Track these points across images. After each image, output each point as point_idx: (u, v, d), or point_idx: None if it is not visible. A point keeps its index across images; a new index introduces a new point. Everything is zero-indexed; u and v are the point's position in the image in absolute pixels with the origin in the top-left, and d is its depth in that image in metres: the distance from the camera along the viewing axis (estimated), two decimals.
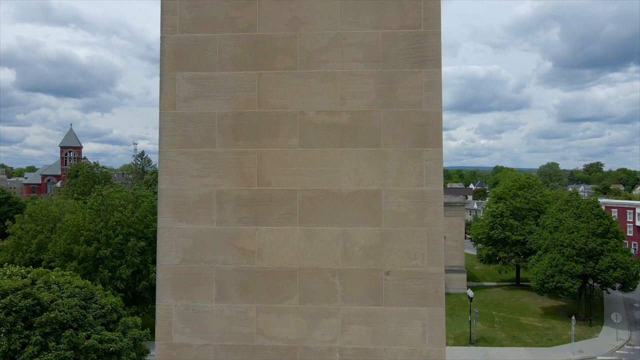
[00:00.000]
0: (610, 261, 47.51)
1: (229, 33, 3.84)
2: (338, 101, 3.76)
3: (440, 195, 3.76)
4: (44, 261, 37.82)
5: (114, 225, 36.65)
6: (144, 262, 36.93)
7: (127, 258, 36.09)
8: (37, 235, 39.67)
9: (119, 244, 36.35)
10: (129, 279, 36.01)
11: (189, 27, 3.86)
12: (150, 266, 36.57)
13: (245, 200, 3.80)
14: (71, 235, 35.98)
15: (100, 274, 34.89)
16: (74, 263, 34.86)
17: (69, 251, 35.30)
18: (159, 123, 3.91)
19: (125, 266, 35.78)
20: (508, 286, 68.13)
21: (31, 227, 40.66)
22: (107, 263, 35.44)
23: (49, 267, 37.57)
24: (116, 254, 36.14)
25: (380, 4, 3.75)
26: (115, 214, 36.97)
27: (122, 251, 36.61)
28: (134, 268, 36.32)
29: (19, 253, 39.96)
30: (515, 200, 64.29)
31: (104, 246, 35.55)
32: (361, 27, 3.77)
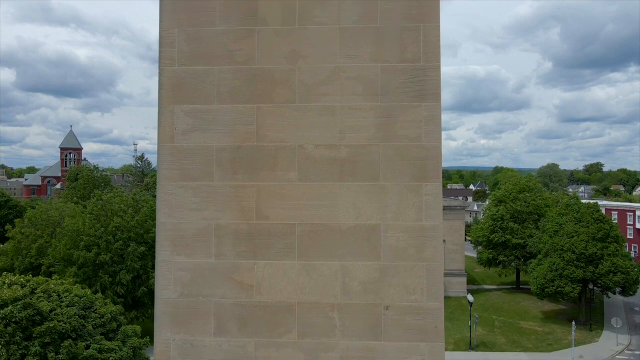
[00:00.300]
0: (610, 265, 47.49)
1: (228, 66, 3.82)
2: (337, 135, 3.75)
3: (440, 230, 3.75)
4: (44, 266, 37.80)
5: (114, 230, 36.63)
6: (144, 267, 36.89)
7: (127, 263, 36.07)
8: (37, 240, 39.64)
9: (118, 249, 36.32)
10: (129, 284, 35.98)
11: (187, 59, 3.85)
12: (150, 271, 36.52)
13: (244, 234, 3.79)
14: (71, 240, 35.96)
15: (100, 279, 34.86)
16: (73, 268, 34.82)
17: (69, 256, 35.27)
18: (157, 156, 3.90)
19: (125, 271, 35.76)
20: (508, 289, 68.09)
21: (31, 231, 40.63)
22: (107, 268, 35.41)
23: (48, 272, 37.61)
24: (116, 259, 36.13)
25: (379, 37, 3.74)
26: (115, 219, 36.96)
27: (122, 256, 36.59)
28: (134, 273, 36.29)
29: (18, 257, 39.93)
30: (515, 203, 64.29)
31: (103, 251, 35.53)
32: (360, 60, 3.76)
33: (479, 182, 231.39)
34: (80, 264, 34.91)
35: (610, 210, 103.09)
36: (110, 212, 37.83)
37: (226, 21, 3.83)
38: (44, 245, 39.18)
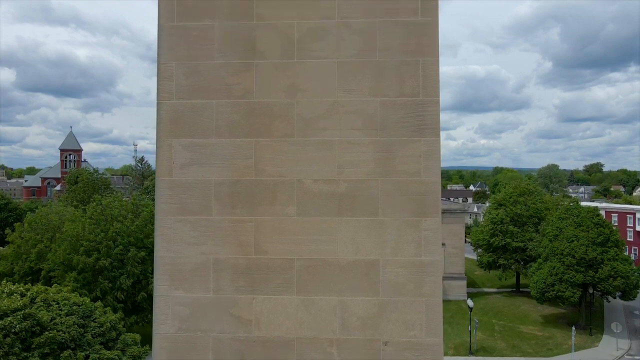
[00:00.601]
0: (610, 270, 47.46)
1: (226, 100, 3.81)
2: (336, 169, 3.74)
3: (439, 265, 3.74)
4: (44, 270, 37.76)
5: (114, 235, 36.60)
6: (144, 271, 36.86)
7: (127, 268, 36.04)
8: (37, 245, 39.59)
9: (118, 254, 36.30)
10: (129, 289, 35.95)
11: (185, 93, 3.83)
12: (149, 277, 36.49)
13: (242, 268, 3.78)
14: (70, 245, 35.92)
15: (100, 285, 34.81)
16: (73, 273, 34.77)
17: (69, 261, 35.23)
18: (156, 190, 3.89)
19: (125, 276, 35.72)
20: (508, 293, 68.02)
21: (31, 236, 40.58)
22: (107, 274, 35.37)
23: (48, 276, 37.58)
24: (116, 264, 36.08)
25: (378, 71, 3.73)
26: (115, 224, 36.93)
27: (122, 261, 36.55)
28: (134, 278, 36.27)
29: (18, 262, 39.88)
30: (515, 207, 64.27)
31: (103, 257, 35.48)
32: (359, 94, 3.74)
33: (479, 183, 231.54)
34: (80, 269, 34.86)
35: (611, 212, 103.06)
36: (110, 217, 37.79)
37: (225, 55, 3.82)
38: (43, 250, 39.11)
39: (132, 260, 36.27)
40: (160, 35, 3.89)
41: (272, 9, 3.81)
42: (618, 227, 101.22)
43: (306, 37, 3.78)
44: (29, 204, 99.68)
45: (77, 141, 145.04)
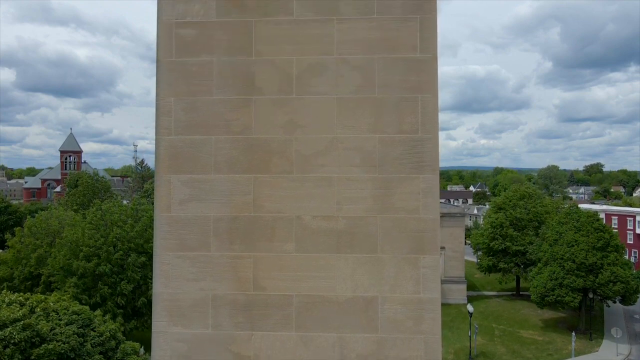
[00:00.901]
0: (610, 275, 47.47)
1: (225, 135, 3.81)
2: (334, 206, 3.73)
3: (438, 302, 3.74)
4: (44, 275, 37.85)
5: (114, 240, 36.59)
6: (144, 277, 36.83)
7: (127, 273, 36.04)
8: (37, 250, 39.64)
9: (119, 259, 36.28)
10: (130, 294, 35.95)
11: (184, 129, 3.83)
12: (149, 282, 36.45)
13: (241, 304, 3.77)
14: (70, 250, 35.92)
15: (100, 290, 34.81)
16: (73, 279, 34.78)
17: (69, 266, 35.24)
18: (154, 225, 3.88)
19: (126, 282, 35.72)
20: (508, 296, 68.00)
21: (30, 240, 40.64)
22: (107, 279, 35.35)
23: (48, 281, 37.63)
24: (116, 269, 36.06)
25: (377, 108, 3.73)
26: (115, 229, 36.93)
27: (122, 266, 36.54)
28: (134, 283, 36.28)
29: (18, 267, 39.97)
30: (515, 210, 64.28)
31: (103, 262, 35.47)
32: (358, 131, 3.74)
33: (479, 184, 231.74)
34: (80, 274, 34.86)
35: (611, 215, 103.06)
36: (110, 223, 37.77)
37: (223, 91, 3.82)
38: (43, 254, 39.18)
39: (133, 265, 36.26)
40: (159, 71, 3.89)
41: (271, 45, 3.81)
42: (618, 229, 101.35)
43: (305, 73, 3.78)
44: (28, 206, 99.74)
45: (77, 142, 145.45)
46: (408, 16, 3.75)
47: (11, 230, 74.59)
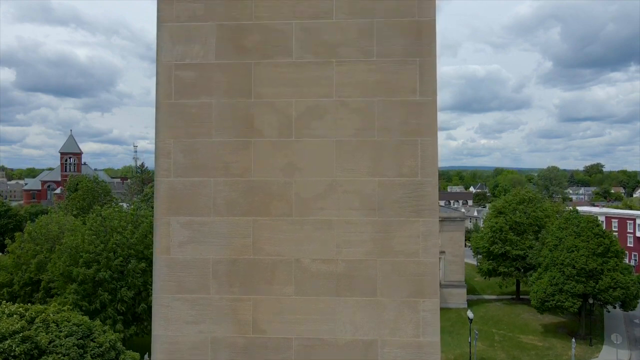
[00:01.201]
0: (610, 281, 47.45)
1: (224, 178, 3.81)
2: (334, 249, 3.73)
3: (438, 346, 3.73)
4: (43, 281, 37.86)
5: (114, 246, 36.57)
6: (145, 283, 36.80)
7: (128, 279, 36.03)
8: (37, 255, 39.67)
9: (119, 265, 36.26)
10: (130, 300, 35.93)
11: (183, 171, 3.83)
12: (150, 288, 36.44)
13: (240, 347, 3.77)
14: (70, 256, 35.91)
15: (100, 297, 34.81)
16: (73, 285, 34.75)
17: (69, 273, 35.22)
18: (153, 267, 3.88)
19: (126, 288, 35.71)
20: (508, 300, 67.94)
21: (30, 246, 40.66)
22: (107, 285, 35.34)
23: (48, 287, 37.62)
24: (116, 275, 36.04)
25: (377, 151, 3.73)
26: (115, 235, 36.91)
27: (123, 272, 36.52)
28: (135, 290, 36.27)
29: (18, 272, 39.98)
30: (515, 215, 64.30)
31: (103, 268, 35.45)
32: (357, 174, 3.74)
33: (479, 184, 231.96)
34: (80, 280, 34.83)
35: (611, 218, 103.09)
36: (110, 229, 37.75)
37: (222, 133, 3.82)
38: (43, 260, 39.20)
39: (133, 271, 36.24)
40: (158, 112, 3.89)
41: (271, 87, 3.81)
42: (618, 232, 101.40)
43: (304, 115, 3.78)
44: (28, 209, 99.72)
45: (77, 144, 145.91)
46: (407, 59, 3.75)
47: (11, 234, 74.97)
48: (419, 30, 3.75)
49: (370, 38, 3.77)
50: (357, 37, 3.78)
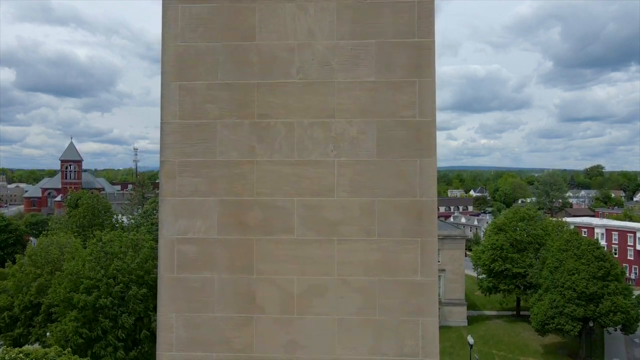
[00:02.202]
0: (611, 305, 47.46)
1: (226, 353, 3.84)
2: None
3: None
4: (44, 305, 37.89)
5: (115, 272, 36.56)
6: (146, 309, 36.76)
7: (129, 305, 35.98)
8: (37, 279, 39.74)
9: (119, 291, 36.24)
10: (131, 327, 35.87)
11: (185, 346, 3.87)
12: (151, 314, 36.44)
13: None
14: (71, 282, 35.92)
15: (101, 324, 34.78)
16: (74, 312, 34.73)
17: (69, 299, 35.23)
18: None
19: (126, 314, 35.68)
20: (508, 317, 67.71)
21: (31, 270, 40.73)
22: (107, 312, 35.31)
23: (48, 311, 37.62)
24: (116, 302, 35.99)
25: (378, 330, 3.79)
26: (115, 262, 36.92)
27: (123, 298, 36.47)
28: (136, 315, 36.24)
29: (19, 295, 40.01)
30: (515, 232, 64.34)
31: (104, 294, 35.43)
32: (359, 352, 3.80)
33: (479, 188, 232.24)
34: (81, 307, 34.81)
35: (611, 230, 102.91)
36: (111, 255, 37.76)
37: (224, 308, 3.85)
38: (43, 283, 39.25)
39: (134, 297, 36.21)
40: (160, 285, 3.93)
41: (272, 263, 3.84)
42: (618, 245, 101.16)
43: (306, 293, 3.81)
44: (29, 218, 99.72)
45: (77, 152, 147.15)
46: (407, 239, 3.78)
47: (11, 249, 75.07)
48: (419, 211, 3.79)
49: (372, 217, 3.80)
50: (358, 216, 3.81)
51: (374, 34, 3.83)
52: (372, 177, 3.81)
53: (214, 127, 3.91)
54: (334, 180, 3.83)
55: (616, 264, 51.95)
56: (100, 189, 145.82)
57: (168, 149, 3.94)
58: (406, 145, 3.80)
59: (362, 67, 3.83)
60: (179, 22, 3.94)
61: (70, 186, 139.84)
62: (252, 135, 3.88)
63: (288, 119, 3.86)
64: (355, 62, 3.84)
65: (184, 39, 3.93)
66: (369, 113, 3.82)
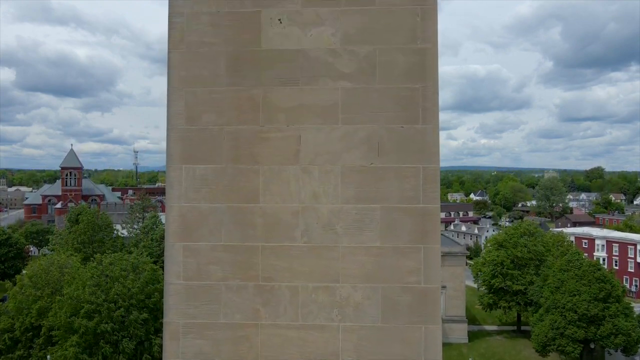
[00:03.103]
0: (612, 327, 47.43)
1: None
2: None
3: None
4: (44, 327, 37.84)
5: (115, 297, 36.54)
6: (147, 333, 36.72)
7: (130, 330, 35.92)
8: (38, 301, 39.74)
9: (121, 316, 36.21)
10: (132, 352, 35.79)
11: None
12: (152, 338, 36.37)
13: None
14: (71, 306, 35.89)
15: (102, 349, 34.74)
16: (74, 337, 34.69)
17: (70, 324, 35.20)
18: None
19: (127, 339, 35.61)
20: (509, 332, 67.46)
21: (31, 291, 40.72)
22: (108, 337, 35.25)
23: (49, 334, 37.58)
24: (117, 327, 35.94)
25: None
26: (116, 285, 36.91)
27: (124, 322, 36.41)
28: (137, 340, 36.18)
29: (19, 317, 40.00)
30: (516, 249, 64.26)
31: (105, 319, 35.40)
32: None
33: (480, 192, 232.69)
34: (82, 332, 34.78)
35: (612, 242, 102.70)
36: (111, 279, 37.74)
37: None
38: (44, 306, 39.23)
39: (135, 322, 36.16)
40: None
41: None
42: (619, 257, 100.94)
43: None
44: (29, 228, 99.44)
45: (77, 159, 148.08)
46: None
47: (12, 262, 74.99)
48: None
49: None
50: None
51: (379, 199, 3.83)
52: (377, 344, 3.81)
53: (218, 289, 3.90)
54: (339, 345, 3.83)
55: (617, 284, 51.84)
56: (100, 196, 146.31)
57: (172, 310, 3.93)
58: (411, 311, 3.80)
59: (367, 232, 3.83)
60: (183, 183, 3.94)
61: (71, 193, 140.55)
62: (257, 298, 3.88)
63: (293, 283, 3.85)
64: (360, 226, 3.83)
65: (188, 199, 3.93)
66: (373, 278, 3.81)
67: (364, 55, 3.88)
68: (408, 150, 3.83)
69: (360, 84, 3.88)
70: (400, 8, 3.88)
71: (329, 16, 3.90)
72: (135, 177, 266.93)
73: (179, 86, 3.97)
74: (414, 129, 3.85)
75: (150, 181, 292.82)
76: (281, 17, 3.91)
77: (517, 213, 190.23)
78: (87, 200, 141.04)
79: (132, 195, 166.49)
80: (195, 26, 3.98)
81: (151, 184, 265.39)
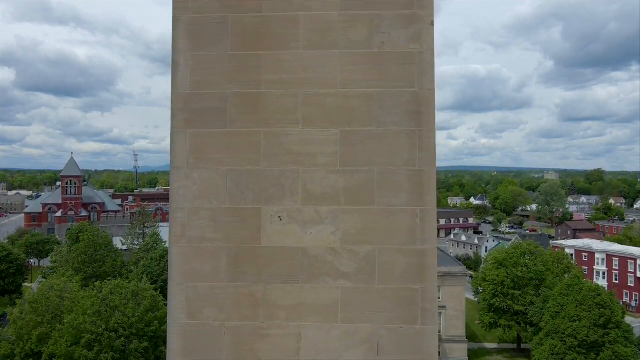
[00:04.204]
0: (612, 354, 47.43)
1: None
2: None
3: None
4: (45, 354, 37.82)
5: (115, 326, 36.56)
6: None
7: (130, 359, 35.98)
8: (38, 327, 39.73)
9: (121, 345, 36.21)
10: None
11: None
12: None
13: None
14: (72, 336, 35.90)
15: None
16: None
17: (71, 354, 35.19)
18: None
19: None
20: (509, 351, 67.38)
21: (32, 317, 40.70)
22: None
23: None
24: (117, 356, 35.93)
25: None
26: (116, 314, 36.93)
27: (124, 352, 36.42)
28: None
29: (19, 343, 39.98)
30: (516, 269, 64.30)
31: (106, 349, 35.40)
32: None
33: (479, 196, 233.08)
34: None
35: (612, 256, 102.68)
36: (111, 308, 37.78)
37: None
38: (44, 332, 39.23)
39: (135, 351, 36.18)
40: None
41: None
42: (619, 271, 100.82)
43: None
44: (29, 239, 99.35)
45: (77, 167, 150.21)
46: None
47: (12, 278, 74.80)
48: None
49: None
50: None
51: None
52: None
53: None
54: None
55: (617, 309, 51.79)
56: (100, 204, 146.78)
57: None
58: None
59: None
60: None
61: (71, 201, 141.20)
62: None
63: None
64: None
65: None
66: None
67: (364, 255, 3.92)
68: (407, 350, 3.87)
69: (360, 283, 3.92)
70: (400, 209, 3.92)
71: (329, 215, 3.95)
72: (136, 181, 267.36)
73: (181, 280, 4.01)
74: (414, 330, 3.88)
75: (150, 183, 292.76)
76: (281, 214, 3.96)
77: (517, 218, 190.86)
78: (87, 209, 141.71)
79: (132, 202, 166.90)
80: (197, 221, 4.02)
81: (151, 186, 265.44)
